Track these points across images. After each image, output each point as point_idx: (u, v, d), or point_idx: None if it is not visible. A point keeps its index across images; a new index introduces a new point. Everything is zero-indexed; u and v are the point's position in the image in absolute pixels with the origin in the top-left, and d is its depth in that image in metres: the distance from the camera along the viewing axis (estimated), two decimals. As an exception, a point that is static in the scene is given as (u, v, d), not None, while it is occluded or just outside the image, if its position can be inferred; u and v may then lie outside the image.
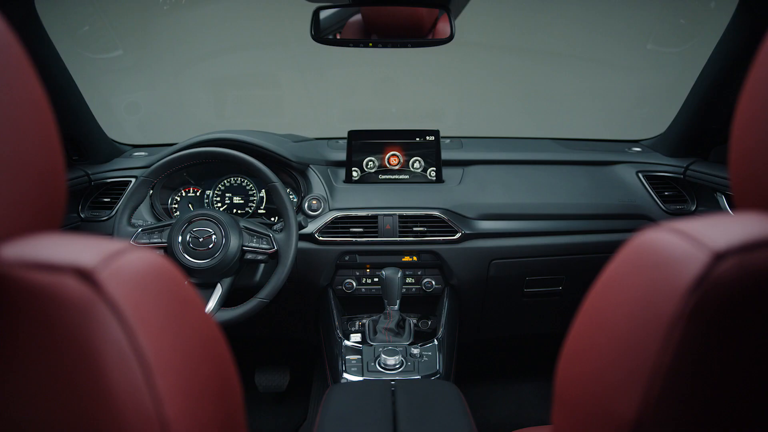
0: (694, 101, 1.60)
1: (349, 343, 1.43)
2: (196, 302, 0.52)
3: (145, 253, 0.47)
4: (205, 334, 0.52)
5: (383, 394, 1.05)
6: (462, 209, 1.60)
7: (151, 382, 0.43)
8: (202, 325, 0.52)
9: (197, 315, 0.51)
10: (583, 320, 0.57)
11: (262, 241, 1.40)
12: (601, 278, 0.56)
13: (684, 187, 1.70)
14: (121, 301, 0.42)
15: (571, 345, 0.59)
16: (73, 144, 1.65)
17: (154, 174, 1.43)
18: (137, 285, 0.44)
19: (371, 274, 1.63)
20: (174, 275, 0.50)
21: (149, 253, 0.48)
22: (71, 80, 1.52)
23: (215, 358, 0.53)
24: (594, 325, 0.54)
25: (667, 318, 0.43)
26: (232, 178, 1.74)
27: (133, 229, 1.42)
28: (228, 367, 0.56)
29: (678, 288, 0.43)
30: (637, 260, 0.50)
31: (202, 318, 0.52)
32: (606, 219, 1.64)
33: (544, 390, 2.04)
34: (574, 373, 0.56)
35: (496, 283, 1.64)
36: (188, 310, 0.50)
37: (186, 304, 0.50)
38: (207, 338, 0.52)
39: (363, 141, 1.70)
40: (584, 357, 0.54)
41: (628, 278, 0.50)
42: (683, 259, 0.44)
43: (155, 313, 0.45)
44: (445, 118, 2.39)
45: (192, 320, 0.50)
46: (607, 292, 0.53)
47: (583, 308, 0.58)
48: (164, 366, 0.44)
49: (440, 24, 1.38)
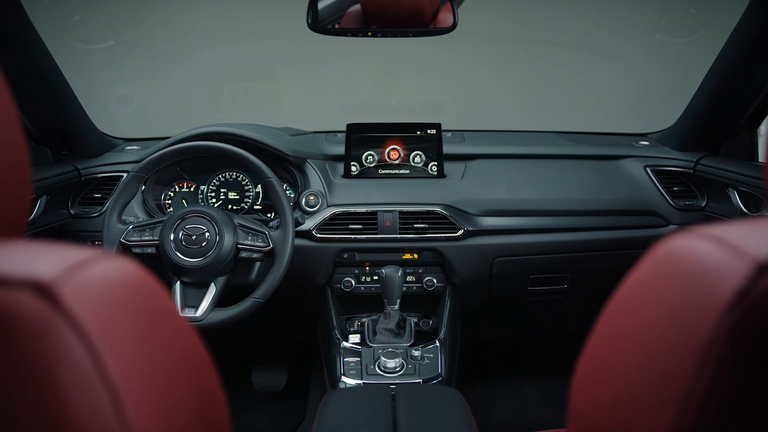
0: (706, 94, 1.55)
1: (348, 345, 1.39)
2: (174, 315, 0.47)
3: (116, 263, 0.42)
4: (184, 351, 0.47)
5: (383, 400, 1.01)
6: (464, 205, 1.56)
7: (120, 411, 0.38)
8: (181, 341, 0.47)
9: (175, 330, 0.47)
10: (602, 335, 0.52)
11: (257, 239, 1.36)
12: (623, 289, 0.51)
13: (693, 183, 1.65)
14: (84, 319, 0.37)
15: (589, 361, 0.54)
16: (62, 138, 1.60)
17: (145, 169, 1.39)
18: (104, 300, 0.39)
19: (371, 272, 1.59)
20: (149, 286, 0.45)
21: (120, 261, 0.43)
22: (59, 72, 1.47)
23: (196, 376, 0.48)
24: (615, 342, 0.49)
25: (702, 337, 0.38)
26: (227, 173, 1.69)
27: (124, 226, 1.37)
28: (211, 383, 0.51)
29: (715, 304, 0.38)
30: (666, 270, 0.45)
31: (181, 333, 0.47)
32: (613, 215, 1.60)
33: (548, 390, 2.00)
34: (592, 393, 0.51)
35: (499, 281, 1.60)
36: (165, 325, 0.45)
37: (163, 318, 0.45)
38: (187, 355, 0.47)
39: (362, 134, 1.66)
40: (604, 376, 0.49)
41: (655, 291, 0.45)
42: (721, 271, 0.39)
43: (125, 331, 0.40)
44: (447, 110, 2.34)
45: (169, 336, 0.45)
46: (631, 306, 0.48)
47: (602, 321, 0.53)
48: (135, 392, 0.39)
49: (442, 13, 1.33)
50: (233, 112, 2.30)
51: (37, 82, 1.42)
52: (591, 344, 0.53)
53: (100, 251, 0.42)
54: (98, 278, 0.39)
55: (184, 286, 1.35)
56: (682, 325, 0.40)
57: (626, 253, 1.61)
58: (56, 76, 1.46)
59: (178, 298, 1.33)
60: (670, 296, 0.42)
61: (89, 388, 0.36)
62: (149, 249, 1.35)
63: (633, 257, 1.60)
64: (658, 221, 1.60)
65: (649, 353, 0.43)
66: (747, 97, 1.47)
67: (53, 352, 0.36)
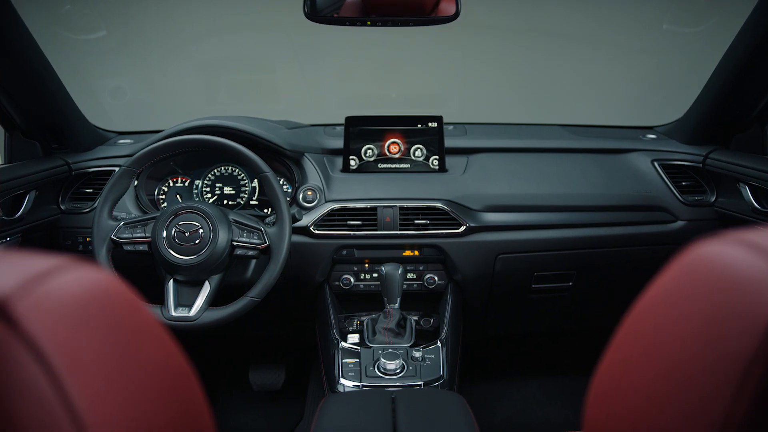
0: (716, 85, 1.50)
1: (347, 345, 1.35)
2: (151, 330, 0.42)
3: (81, 273, 0.38)
4: (163, 369, 0.42)
5: (382, 405, 0.97)
6: (466, 200, 1.52)
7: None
8: (159, 358, 0.42)
9: (153, 346, 0.42)
10: (622, 347, 0.48)
11: (252, 236, 1.32)
12: (645, 298, 0.46)
13: (703, 177, 1.61)
14: (43, 340, 0.33)
15: (607, 374, 0.49)
16: (51, 131, 1.55)
17: (136, 163, 1.34)
18: (67, 317, 0.34)
19: (370, 270, 1.55)
20: (120, 298, 0.40)
21: (87, 272, 0.38)
22: (46, 62, 1.42)
23: (177, 397, 0.43)
24: (637, 356, 0.44)
25: (742, 357, 0.34)
26: (222, 168, 1.65)
27: (115, 222, 1.33)
28: (196, 404, 0.46)
29: (756, 320, 0.34)
30: (696, 280, 0.40)
31: (159, 349, 0.43)
32: (619, 211, 1.56)
33: (551, 388, 1.97)
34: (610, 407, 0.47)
35: (502, 278, 1.56)
36: (140, 342, 0.40)
37: (137, 334, 0.41)
38: (166, 373, 0.43)
39: (361, 128, 1.62)
40: (625, 391, 0.45)
41: (684, 303, 0.40)
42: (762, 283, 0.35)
43: (91, 352, 0.35)
44: (448, 103, 2.29)
45: (145, 354, 0.41)
46: (655, 318, 0.44)
47: (623, 332, 0.48)
48: (103, 421, 0.34)
49: (444, 1, 1.28)
50: (229, 104, 2.25)
51: (24, 73, 1.37)
52: (609, 356, 0.49)
53: (65, 260, 0.38)
54: (60, 292, 0.35)
55: (177, 285, 1.31)
56: (718, 343, 0.36)
57: (633, 250, 1.57)
58: (43, 66, 1.42)
59: (171, 297, 1.29)
60: (702, 309, 0.38)
61: (49, 417, 0.32)
62: (141, 246, 1.31)
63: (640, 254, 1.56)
64: (666, 217, 1.56)
65: (677, 371, 0.38)
66: (759, 89, 1.42)
67: (8, 377, 0.31)
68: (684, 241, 1.57)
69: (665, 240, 1.56)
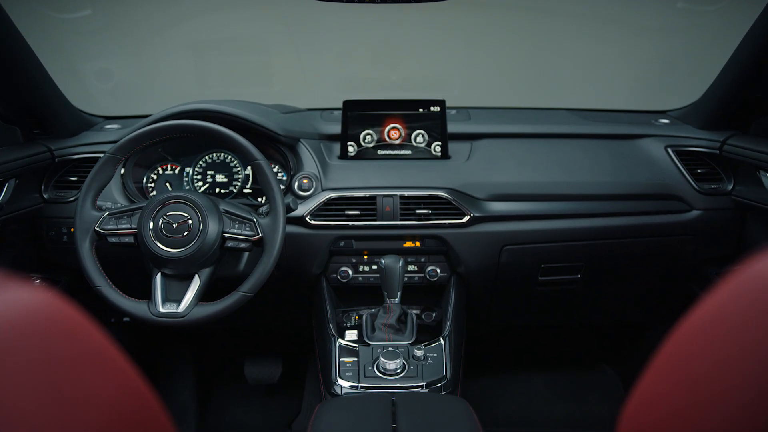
0: (735, 66, 1.42)
1: (344, 343, 1.28)
2: (104, 359, 0.35)
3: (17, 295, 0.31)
4: (116, 405, 0.35)
5: (382, 413, 0.90)
6: (470, 189, 1.45)
7: None
8: (112, 394, 0.35)
9: (103, 379, 0.35)
10: (663, 373, 0.42)
11: (245, 227, 1.24)
12: (692, 319, 0.40)
13: (720, 164, 1.53)
14: None
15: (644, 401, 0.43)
16: (33, 116, 1.47)
17: (121, 150, 1.26)
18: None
19: (369, 261, 1.48)
20: (64, 324, 0.33)
21: (24, 293, 0.31)
22: (24, 43, 1.33)
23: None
24: (682, 384, 0.38)
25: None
26: (214, 154, 1.58)
27: (99, 213, 1.25)
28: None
29: None
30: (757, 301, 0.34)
31: (111, 382, 0.36)
32: (631, 200, 1.49)
33: (556, 384, 1.91)
34: None
35: (508, 271, 1.49)
36: (88, 374, 0.33)
37: (85, 365, 0.33)
38: (122, 409, 0.36)
39: (360, 112, 1.55)
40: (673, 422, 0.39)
41: (747, 325, 0.34)
42: None
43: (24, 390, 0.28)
44: (451, 86, 2.21)
45: (95, 388, 0.33)
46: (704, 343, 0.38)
47: (664, 356, 0.42)
48: None
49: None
50: (221, 87, 2.17)
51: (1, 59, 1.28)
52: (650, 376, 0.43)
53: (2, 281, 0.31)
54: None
55: (165, 279, 1.24)
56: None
57: (645, 241, 1.50)
58: (20, 47, 1.33)
59: (158, 292, 1.22)
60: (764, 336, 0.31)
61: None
62: (126, 238, 1.24)
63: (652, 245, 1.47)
64: (681, 206, 1.49)
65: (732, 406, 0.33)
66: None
67: None
68: (699, 232, 1.51)
69: (679, 230, 1.49)
